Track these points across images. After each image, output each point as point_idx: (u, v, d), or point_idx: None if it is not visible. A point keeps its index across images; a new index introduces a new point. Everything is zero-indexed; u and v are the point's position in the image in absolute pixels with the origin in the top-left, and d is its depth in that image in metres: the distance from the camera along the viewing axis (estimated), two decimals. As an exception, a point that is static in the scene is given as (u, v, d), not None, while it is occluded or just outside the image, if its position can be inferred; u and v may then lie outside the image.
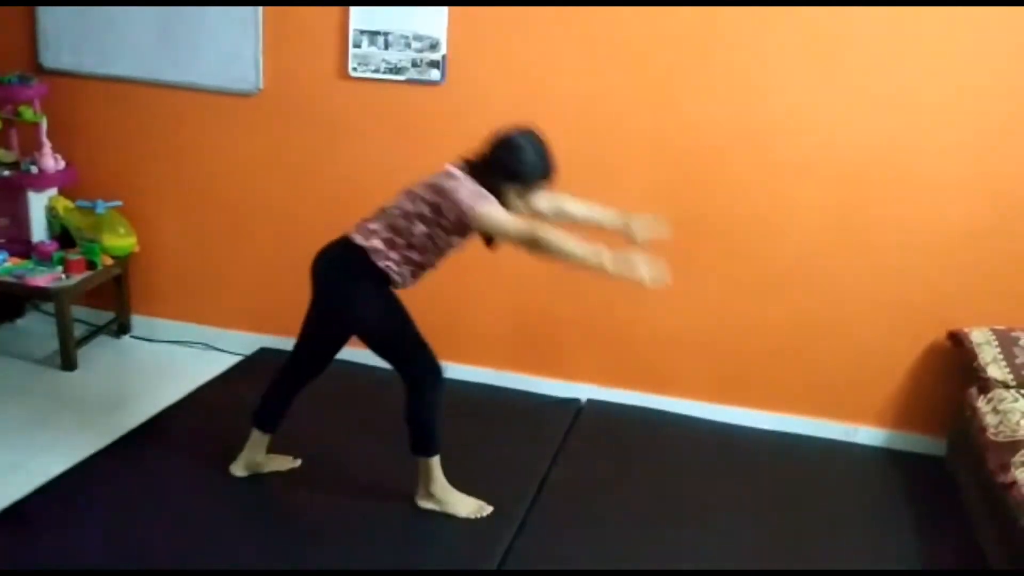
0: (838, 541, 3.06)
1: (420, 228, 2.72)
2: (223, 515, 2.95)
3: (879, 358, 3.66)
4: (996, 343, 3.34)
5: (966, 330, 3.46)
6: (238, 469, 3.14)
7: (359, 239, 2.76)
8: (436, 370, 2.88)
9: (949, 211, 3.46)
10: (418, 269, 2.81)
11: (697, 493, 3.28)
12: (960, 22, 3.27)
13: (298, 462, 3.23)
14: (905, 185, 3.48)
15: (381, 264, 2.74)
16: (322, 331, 2.98)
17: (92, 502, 2.95)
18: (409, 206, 2.73)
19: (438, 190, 2.69)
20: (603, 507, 3.13)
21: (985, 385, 3.25)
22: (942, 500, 3.36)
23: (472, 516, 2.99)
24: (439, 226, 2.71)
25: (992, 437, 2.99)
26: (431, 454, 2.95)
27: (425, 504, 3.01)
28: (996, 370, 3.25)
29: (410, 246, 2.74)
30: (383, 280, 2.78)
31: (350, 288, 2.79)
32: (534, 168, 2.71)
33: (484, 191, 2.67)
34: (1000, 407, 3.10)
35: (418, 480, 3.00)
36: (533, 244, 2.58)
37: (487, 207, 2.64)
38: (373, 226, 2.77)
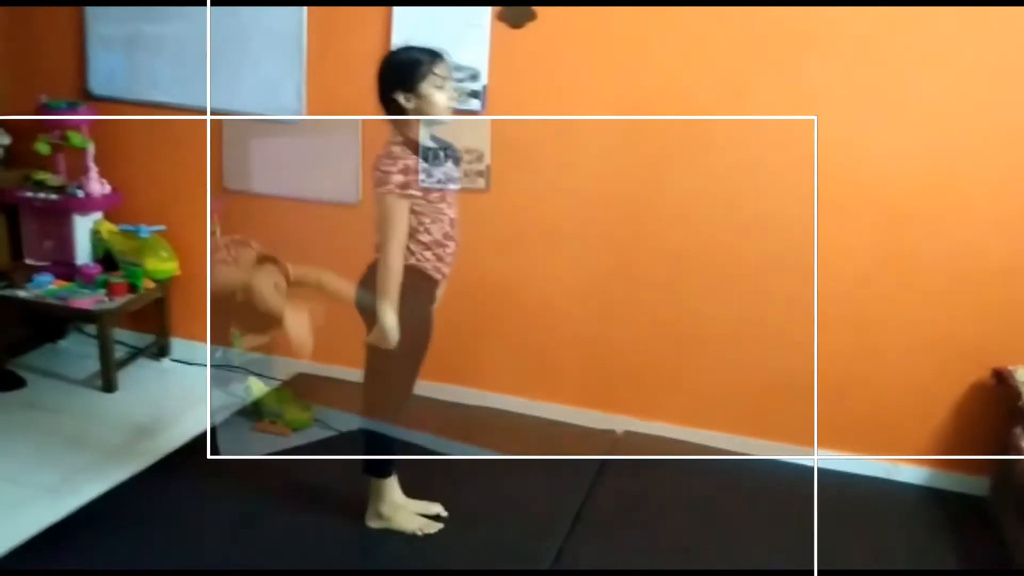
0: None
1: None
2: (261, 540, 2.94)
3: (922, 395, 3.59)
4: (1042, 382, 3.27)
5: (1011, 368, 3.40)
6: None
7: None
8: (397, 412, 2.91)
9: (993, 247, 3.41)
10: (437, 248, 2.80)
11: (734, 530, 3.23)
12: (1001, 52, 3.24)
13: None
14: (947, 222, 3.43)
15: (410, 263, 2.75)
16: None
17: (129, 526, 2.97)
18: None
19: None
20: (638, 542, 3.09)
21: (1031, 425, 3.19)
22: (984, 541, 3.28)
23: (418, 532, 2.98)
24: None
25: (1038, 479, 2.93)
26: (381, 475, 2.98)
27: (373, 524, 3.02)
28: (1042, 410, 3.18)
29: (410, 233, 2.76)
30: (414, 292, 2.77)
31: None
32: (412, 61, 2.78)
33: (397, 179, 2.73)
34: (1047, 449, 3.04)
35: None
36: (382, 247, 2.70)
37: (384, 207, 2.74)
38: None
